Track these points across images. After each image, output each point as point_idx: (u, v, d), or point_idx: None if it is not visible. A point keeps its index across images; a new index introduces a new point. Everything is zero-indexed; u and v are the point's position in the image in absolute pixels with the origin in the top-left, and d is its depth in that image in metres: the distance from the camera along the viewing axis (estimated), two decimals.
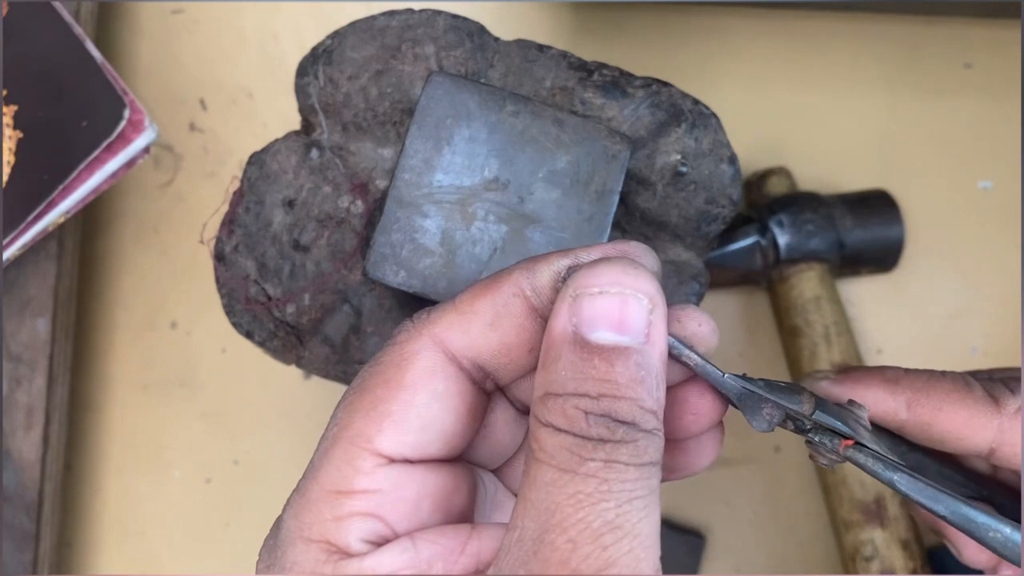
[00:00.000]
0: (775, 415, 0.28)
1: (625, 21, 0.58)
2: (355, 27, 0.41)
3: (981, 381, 0.33)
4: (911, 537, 0.51)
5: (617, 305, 0.25)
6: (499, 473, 0.31)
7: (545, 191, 0.37)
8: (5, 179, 0.45)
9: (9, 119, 0.45)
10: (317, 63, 0.41)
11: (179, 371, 0.58)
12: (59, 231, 0.51)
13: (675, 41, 0.58)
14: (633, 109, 0.40)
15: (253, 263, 0.41)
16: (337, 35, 0.41)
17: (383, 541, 0.26)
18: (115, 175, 0.47)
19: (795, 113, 0.58)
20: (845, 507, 0.51)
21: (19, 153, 0.45)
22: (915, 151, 0.57)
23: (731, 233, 0.53)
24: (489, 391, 0.29)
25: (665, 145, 0.40)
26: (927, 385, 0.33)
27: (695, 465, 0.30)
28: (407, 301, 0.40)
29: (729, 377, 0.28)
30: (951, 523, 0.27)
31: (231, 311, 0.41)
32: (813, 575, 0.56)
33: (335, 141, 0.41)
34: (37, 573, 0.51)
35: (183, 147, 0.58)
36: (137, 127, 0.46)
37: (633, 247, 0.28)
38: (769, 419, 0.28)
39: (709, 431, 0.29)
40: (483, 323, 0.27)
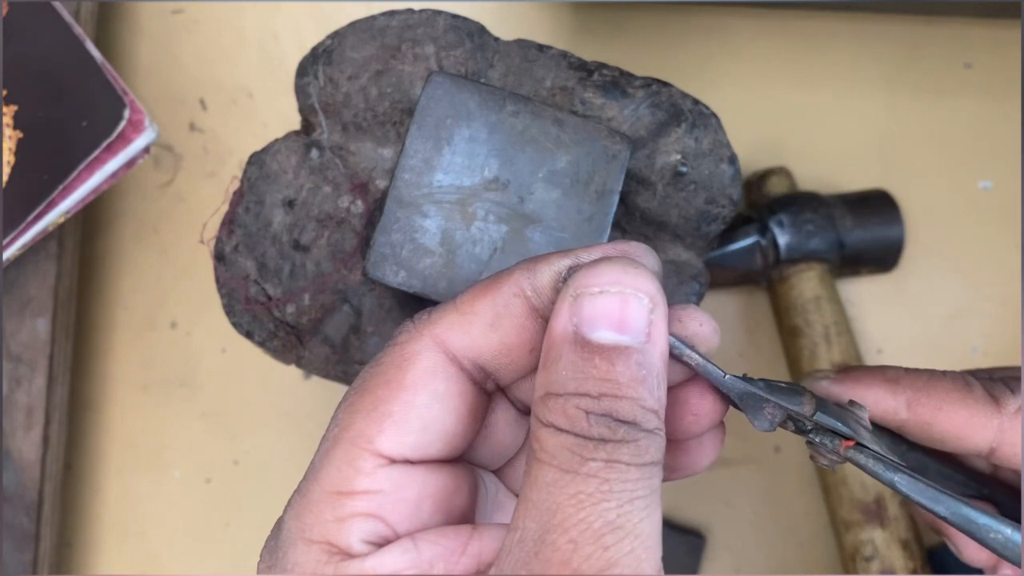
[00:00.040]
0: (777, 415, 0.28)
1: (625, 21, 0.58)
2: (355, 27, 0.41)
3: (981, 381, 0.33)
4: (911, 537, 0.51)
5: (618, 304, 0.25)
6: (500, 474, 0.31)
7: (545, 191, 0.37)
8: (5, 179, 0.45)
9: (9, 119, 0.45)
10: (317, 63, 0.41)
11: (179, 371, 0.58)
12: (59, 231, 0.51)
13: (675, 41, 0.58)
14: (633, 109, 0.40)
15: (253, 263, 0.41)
16: (337, 35, 0.41)
17: (384, 542, 0.26)
18: (115, 175, 0.47)
19: (795, 113, 0.58)
20: (845, 507, 0.51)
21: (19, 153, 0.45)
22: (915, 151, 0.57)
23: (731, 233, 0.53)
24: (490, 391, 0.29)
25: (665, 145, 0.40)
26: (927, 385, 0.33)
27: (696, 465, 0.30)
28: (407, 301, 0.40)
29: (730, 377, 0.28)
30: (952, 524, 0.27)
31: (231, 311, 0.41)
32: (813, 575, 0.56)
33: (335, 141, 0.41)
34: (37, 573, 0.51)
35: (183, 147, 0.58)
36: (137, 127, 0.46)
37: (634, 247, 0.28)
38: (771, 419, 0.28)
39: (710, 431, 0.29)
40: (484, 323, 0.27)
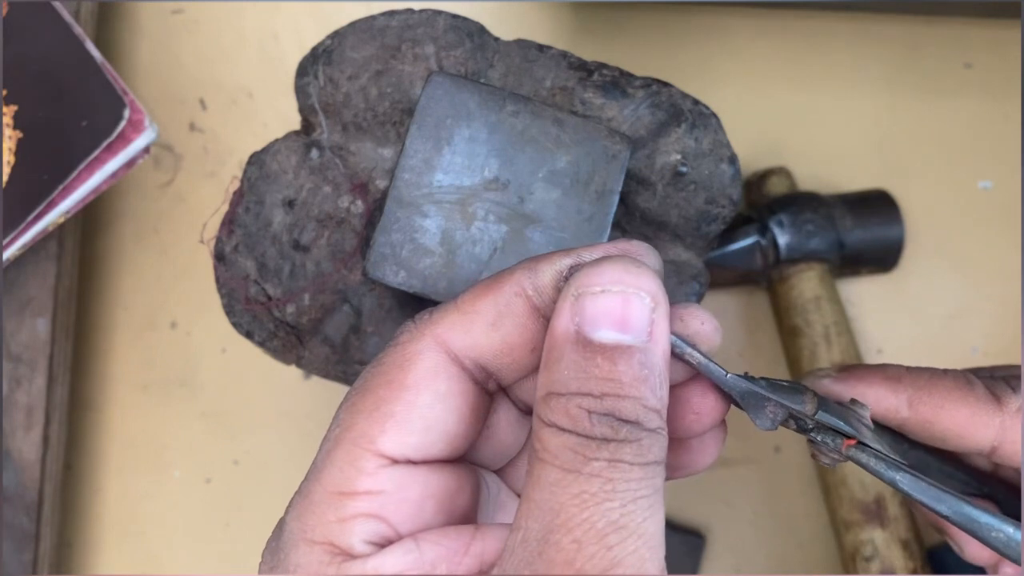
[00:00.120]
0: (778, 413, 0.28)
1: (625, 21, 0.58)
2: (355, 27, 0.41)
3: (983, 379, 0.33)
4: (911, 537, 0.51)
5: (619, 304, 0.25)
6: (502, 473, 0.31)
7: (545, 191, 0.37)
8: (5, 179, 0.45)
9: (9, 119, 0.45)
10: (317, 63, 0.41)
11: (179, 371, 0.58)
12: (59, 231, 0.51)
13: (675, 41, 0.58)
14: (633, 109, 0.40)
15: (253, 263, 0.41)
16: (337, 35, 0.41)
17: (386, 542, 0.26)
18: (115, 175, 0.47)
19: (795, 113, 0.58)
20: (845, 507, 0.51)
21: (19, 153, 0.45)
22: (915, 151, 0.57)
23: (731, 233, 0.53)
24: (492, 391, 0.29)
25: (665, 145, 0.40)
26: (929, 383, 0.33)
27: (697, 464, 0.30)
28: (407, 301, 0.40)
29: (732, 376, 0.28)
30: (953, 522, 0.27)
31: (231, 311, 0.41)
32: (813, 575, 0.56)
33: (335, 141, 0.41)
34: (37, 573, 0.51)
35: (183, 147, 0.58)
36: (137, 127, 0.46)
37: (635, 246, 0.28)
38: (772, 417, 0.28)
39: (711, 430, 0.29)
40: (485, 323, 0.27)
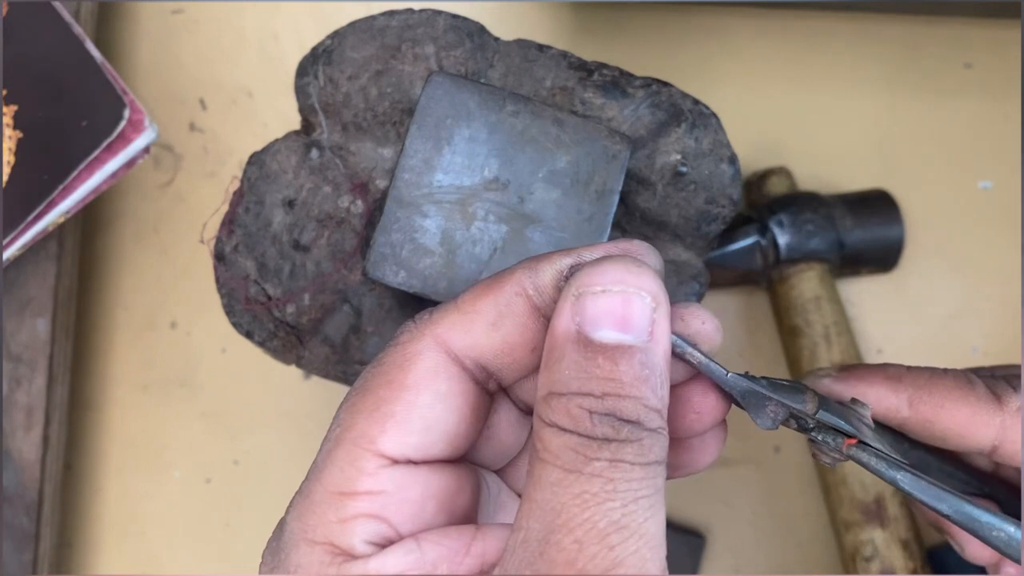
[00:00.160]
0: (779, 413, 0.28)
1: (625, 21, 0.58)
2: (355, 27, 0.41)
3: (983, 378, 0.33)
4: (911, 537, 0.51)
5: (620, 303, 0.25)
6: (502, 474, 0.31)
7: (545, 191, 0.37)
8: (5, 179, 0.45)
9: (9, 119, 0.45)
10: (317, 63, 0.41)
11: (179, 371, 0.58)
12: (59, 231, 0.51)
13: (675, 41, 0.58)
14: (633, 109, 0.40)
15: (253, 263, 0.41)
16: (337, 35, 0.41)
17: (387, 543, 0.26)
18: (115, 175, 0.47)
19: (795, 113, 0.58)
20: (845, 507, 0.51)
21: (19, 153, 0.45)
22: (915, 151, 0.57)
23: (731, 233, 0.53)
24: (492, 391, 0.29)
25: (665, 145, 0.40)
26: (929, 382, 0.33)
27: (698, 463, 0.30)
28: (407, 301, 0.40)
29: (732, 375, 0.28)
30: (954, 522, 0.27)
31: (231, 311, 0.41)
32: (813, 575, 0.56)
33: (335, 141, 0.41)
34: (37, 573, 0.51)
35: (183, 147, 0.58)
36: (137, 127, 0.46)
37: (636, 245, 0.28)
38: (773, 417, 0.28)
39: (712, 429, 0.29)
40: (486, 323, 0.27)
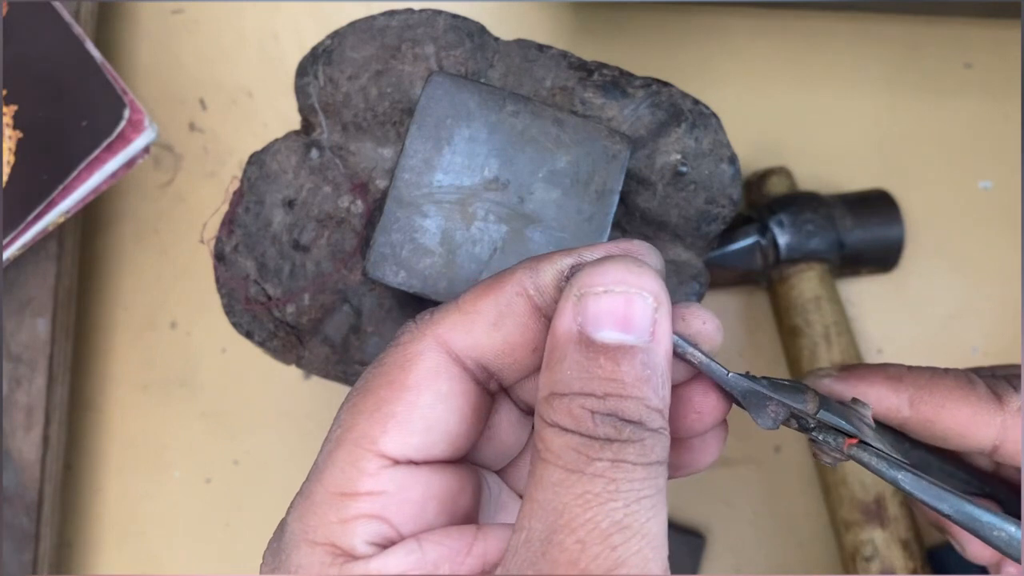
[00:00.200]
0: (780, 412, 0.28)
1: (625, 21, 0.58)
2: (355, 27, 0.41)
3: (984, 378, 0.33)
4: (911, 537, 0.51)
5: (622, 304, 0.25)
6: (503, 474, 0.31)
7: (545, 191, 0.37)
8: (5, 179, 0.45)
9: (9, 119, 0.45)
10: (317, 63, 0.41)
11: (179, 371, 0.58)
12: (59, 231, 0.51)
13: (675, 41, 0.58)
14: (633, 109, 0.40)
15: (253, 263, 0.41)
16: (337, 35, 0.41)
17: (388, 543, 0.26)
18: (115, 175, 0.47)
19: (795, 113, 0.58)
20: (845, 507, 0.51)
21: (19, 153, 0.45)
22: (915, 151, 0.58)
23: (731, 233, 0.53)
24: (493, 392, 0.29)
25: (665, 145, 0.40)
26: (930, 382, 0.33)
27: (698, 463, 0.30)
28: (407, 301, 0.40)
29: (733, 375, 0.28)
30: (955, 521, 0.27)
31: (231, 311, 0.41)
32: (813, 575, 0.56)
33: (335, 141, 0.41)
34: (37, 573, 0.51)
35: (183, 147, 0.58)
36: (137, 127, 0.46)
37: (637, 245, 0.28)
38: (774, 416, 0.28)
39: (713, 429, 0.29)
40: (486, 323, 0.27)
